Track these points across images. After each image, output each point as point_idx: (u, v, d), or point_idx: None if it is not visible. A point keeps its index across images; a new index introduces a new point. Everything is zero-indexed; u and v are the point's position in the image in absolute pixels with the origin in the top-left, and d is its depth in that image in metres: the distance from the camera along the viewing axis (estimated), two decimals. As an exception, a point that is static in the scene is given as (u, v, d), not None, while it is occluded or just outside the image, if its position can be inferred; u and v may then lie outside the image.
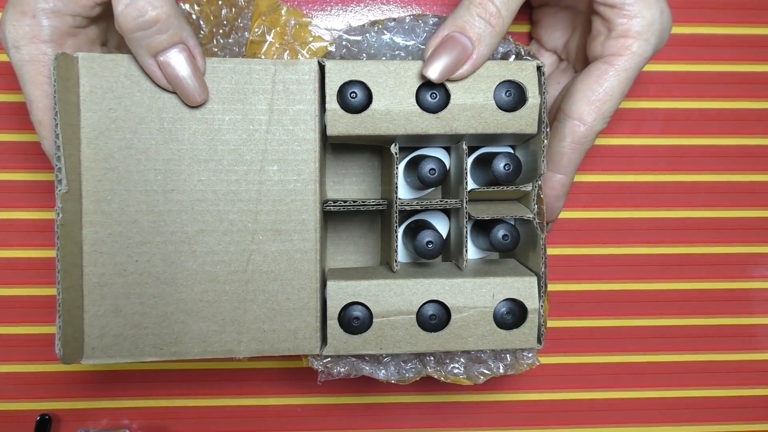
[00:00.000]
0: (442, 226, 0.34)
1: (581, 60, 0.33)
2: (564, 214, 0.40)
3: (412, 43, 0.32)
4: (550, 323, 0.40)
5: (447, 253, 0.35)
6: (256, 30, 0.32)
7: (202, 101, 0.28)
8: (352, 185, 0.35)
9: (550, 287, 0.40)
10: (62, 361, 0.27)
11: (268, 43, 0.32)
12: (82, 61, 0.27)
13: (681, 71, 0.40)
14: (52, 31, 0.27)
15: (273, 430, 0.40)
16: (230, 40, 0.33)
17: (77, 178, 0.28)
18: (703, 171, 0.40)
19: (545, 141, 0.29)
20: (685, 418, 0.41)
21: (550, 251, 0.40)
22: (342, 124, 0.29)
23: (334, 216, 0.36)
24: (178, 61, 0.26)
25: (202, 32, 0.32)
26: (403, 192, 0.34)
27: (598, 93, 0.29)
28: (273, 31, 0.32)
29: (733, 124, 0.40)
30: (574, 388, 0.41)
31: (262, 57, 0.32)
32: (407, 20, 0.32)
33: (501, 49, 0.32)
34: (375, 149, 0.35)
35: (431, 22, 0.32)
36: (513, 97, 0.29)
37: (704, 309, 0.41)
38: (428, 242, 0.30)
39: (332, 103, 0.28)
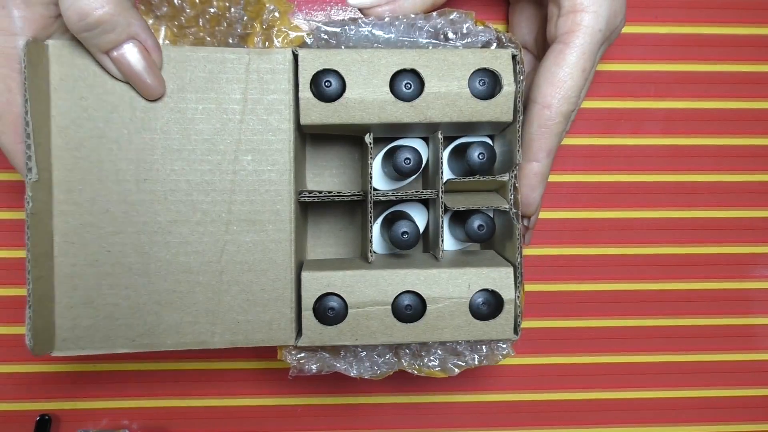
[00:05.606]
0: (421, 217, 0.34)
1: (544, 50, 0.32)
2: (563, 214, 0.40)
3: (391, 35, 0.31)
4: (544, 324, 0.40)
5: (427, 244, 0.34)
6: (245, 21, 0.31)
7: (159, 95, 0.27)
8: (332, 177, 0.35)
9: (549, 288, 0.40)
10: (33, 352, 0.26)
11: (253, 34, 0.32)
12: (53, 48, 0.27)
13: (681, 71, 0.39)
14: (24, 23, 0.26)
15: (273, 430, 0.40)
16: (221, 28, 0.32)
17: (48, 167, 0.27)
18: (703, 171, 0.40)
19: (520, 130, 0.29)
20: (684, 418, 0.41)
21: (548, 251, 0.40)
22: (315, 112, 0.28)
23: (315, 208, 0.35)
24: (131, 56, 0.26)
25: (185, 14, 0.32)
26: (382, 183, 0.34)
27: (558, 74, 0.29)
28: (255, 21, 0.32)
29: (733, 124, 0.40)
30: (570, 389, 0.40)
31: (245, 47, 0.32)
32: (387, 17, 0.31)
33: (482, 38, 0.31)
34: (355, 141, 0.35)
35: (412, 16, 0.31)
36: (487, 85, 0.29)
37: (704, 309, 0.41)
38: (403, 232, 0.30)
39: (305, 91, 0.28)
